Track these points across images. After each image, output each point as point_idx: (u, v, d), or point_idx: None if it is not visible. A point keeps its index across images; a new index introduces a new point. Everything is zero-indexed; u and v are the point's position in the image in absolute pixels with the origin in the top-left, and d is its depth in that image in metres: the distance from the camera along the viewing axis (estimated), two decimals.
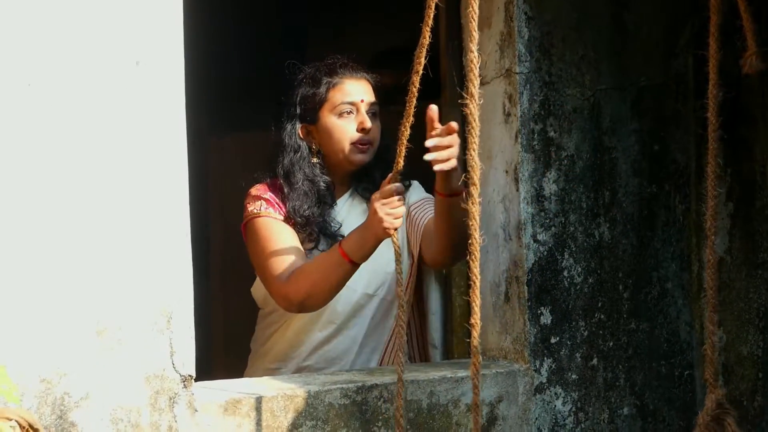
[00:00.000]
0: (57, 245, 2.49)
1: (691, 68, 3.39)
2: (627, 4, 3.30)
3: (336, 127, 3.32)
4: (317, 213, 3.33)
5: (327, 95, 3.35)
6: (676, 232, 3.38)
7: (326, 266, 3.12)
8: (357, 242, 3.05)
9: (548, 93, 3.18)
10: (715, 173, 2.38)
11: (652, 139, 3.34)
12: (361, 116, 3.31)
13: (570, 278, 3.21)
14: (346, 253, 3.06)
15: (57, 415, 2.49)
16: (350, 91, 3.34)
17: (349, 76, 3.36)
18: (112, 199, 2.54)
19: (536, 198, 3.16)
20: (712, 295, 2.37)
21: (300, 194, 3.31)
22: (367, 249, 3.05)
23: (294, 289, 3.16)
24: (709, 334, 2.37)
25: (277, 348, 3.44)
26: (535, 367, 3.16)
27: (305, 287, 3.13)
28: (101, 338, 2.53)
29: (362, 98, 3.33)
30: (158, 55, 2.59)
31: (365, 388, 2.90)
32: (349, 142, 3.32)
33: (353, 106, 3.32)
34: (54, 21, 2.49)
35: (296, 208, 3.30)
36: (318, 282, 3.12)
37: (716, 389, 2.38)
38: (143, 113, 2.58)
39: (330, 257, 3.11)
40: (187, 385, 2.65)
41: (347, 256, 3.06)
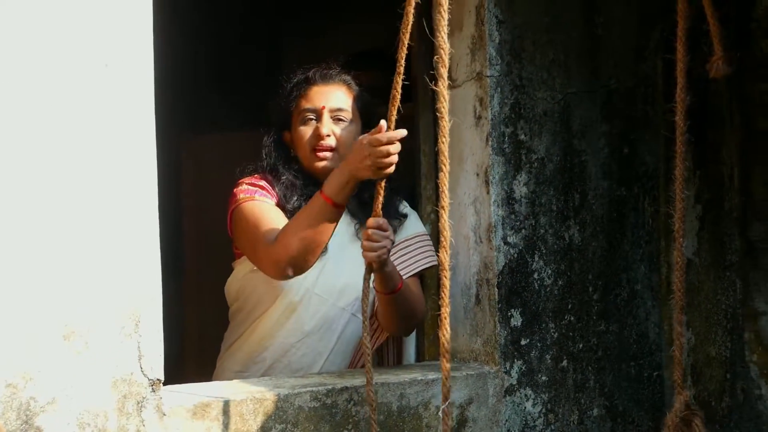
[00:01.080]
0: (23, 248, 2.47)
1: (660, 72, 3.41)
2: (597, 8, 3.31)
3: (299, 134, 3.33)
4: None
5: (296, 102, 3.35)
6: (645, 234, 3.40)
7: (310, 213, 3.06)
8: (337, 183, 2.99)
9: (519, 96, 3.19)
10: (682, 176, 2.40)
11: (621, 142, 3.36)
12: (320, 122, 3.30)
13: (540, 280, 3.22)
14: (327, 195, 3.01)
15: (23, 420, 2.47)
16: (313, 98, 3.33)
17: (319, 82, 3.35)
18: (80, 201, 2.52)
19: (507, 201, 3.17)
20: (680, 297, 2.38)
21: (287, 187, 3.31)
22: (348, 189, 2.99)
23: (282, 247, 3.08)
24: (677, 335, 2.39)
25: (242, 351, 3.41)
26: (505, 369, 3.17)
27: (293, 241, 3.06)
28: (68, 342, 2.52)
29: (323, 104, 3.31)
30: (127, 58, 2.58)
31: (335, 391, 2.90)
32: (309, 148, 3.31)
33: (314, 112, 3.32)
34: (23, 24, 2.47)
35: (286, 196, 3.29)
36: (304, 232, 3.05)
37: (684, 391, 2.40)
38: (112, 115, 2.56)
39: (312, 204, 3.06)
40: (156, 389, 2.63)
41: (329, 199, 3.01)
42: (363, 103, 3.37)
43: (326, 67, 3.39)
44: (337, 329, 3.32)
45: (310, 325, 3.30)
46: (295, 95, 3.36)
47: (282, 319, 3.31)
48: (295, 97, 3.36)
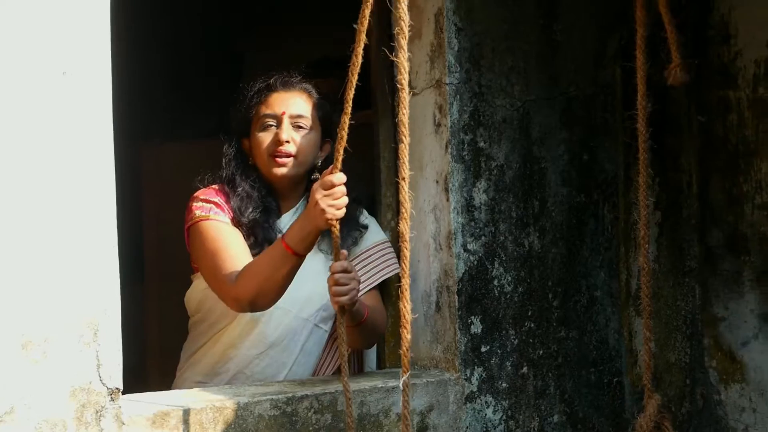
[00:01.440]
0: None
1: (619, 79, 3.43)
2: (556, 16, 3.33)
3: (258, 140, 3.32)
4: (263, 219, 3.31)
5: (256, 109, 3.34)
6: (605, 240, 3.42)
7: (271, 261, 3.07)
8: (299, 233, 3.00)
9: (478, 103, 3.19)
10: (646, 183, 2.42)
11: (581, 149, 3.37)
12: (280, 128, 3.30)
13: (500, 287, 3.23)
14: (288, 245, 3.02)
15: None
16: (273, 104, 3.32)
17: (279, 89, 3.35)
18: (37, 210, 2.50)
19: (466, 208, 3.18)
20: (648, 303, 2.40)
21: (243, 198, 3.30)
22: (310, 240, 3.00)
23: (243, 288, 3.10)
24: (646, 341, 2.41)
25: (204, 361, 3.39)
26: (465, 375, 3.17)
27: (253, 285, 3.08)
28: (26, 351, 2.49)
29: (283, 110, 3.31)
30: (85, 66, 2.56)
31: (295, 399, 2.89)
32: (267, 154, 3.30)
33: (274, 118, 3.31)
34: None
35: (240, 211, 3.28)
36: (265, 278, 3.07)
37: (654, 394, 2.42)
38: (70, 123, 2.54)
39: (274, 251, 3.07)
40: (114, 398, 2.61)
41: (290, 248, 3.02)
42: (323, 112, 3.37)
43: (287, 75, 3.38)
44: (300, 340, 3.32)
45: (273, 336, 3.29)
46: (256, 102, 3.35)
47: (246, 330, 3.30)
48: (255, 103, 3.35)
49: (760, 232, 3.34)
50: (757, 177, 3.34)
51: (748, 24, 3.35)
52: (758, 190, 3.35)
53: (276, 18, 6.11)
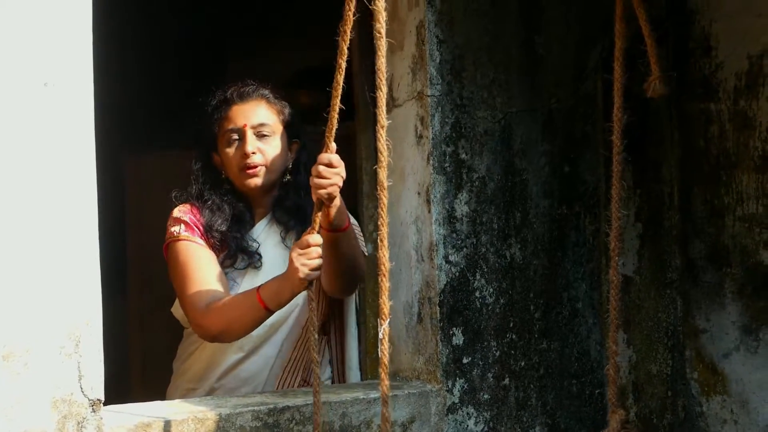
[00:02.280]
0: None
1: (600, 91, 3.44)
2: (537, 28, 3.34)
3: (226, 156, 3.36)
4: (234, 230, 3.34)
5: (218, 124, 3.37)
6: (587, 252, 3.42)
7: (242, 307, 3.15)
8: (274, 291, 3.08)
9: (460, 115, 3.20)
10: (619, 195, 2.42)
11: (562, 161, 3.38)
12: (244, 141, 3.32)
13: (482, 299, 3.23)
14: (262, 299, 3.09)
15: None
16: (233, 118, 3.36)
17: (237, 101, 3.37)
18: (18, 220, 2.50)
19: (448, 219, 3.18)
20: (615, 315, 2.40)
21: (213, 211, 3.34)
22: (284, 299, 3.09)
23: (209, 322, 3.20)
24: (611, 354, 2.40)
25: (194, 368, 3.45)
26: (447, 387, 3.18)
27: (220, 323, 3.18)
28: (7, 362, 2.49)
29: (244, 122, 3.33)
30: (67, 77, 2.56)
31: (277, 410, 2.89)
32: (237, 168, 3.34)
33: (237, 132, 3.34)
34: None
35: (210, 224, 3.32)
36: (233, 320, 3.17)
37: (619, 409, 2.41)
38: (51, 134, 2.54)
39: (247, 299, 3.15)
40: (96, 410, 2.61)
41: (263, 303, 3.09)
42: (284, 115, 3.39)
43: (243, 85, 3.40)
44: (281, 336, 3.40)
45: (257, 339, 3.37)
46: (217, 117, 3.38)
47: None
48: (218, 119, 3.38)
49: (742, 244, 3.35)
50: (738, 189, 3.36)
51: (729, 36, 3.37)
52: (739, 202, 3.36)
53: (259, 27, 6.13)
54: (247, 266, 3.37)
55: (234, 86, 3.40)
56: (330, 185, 2.85)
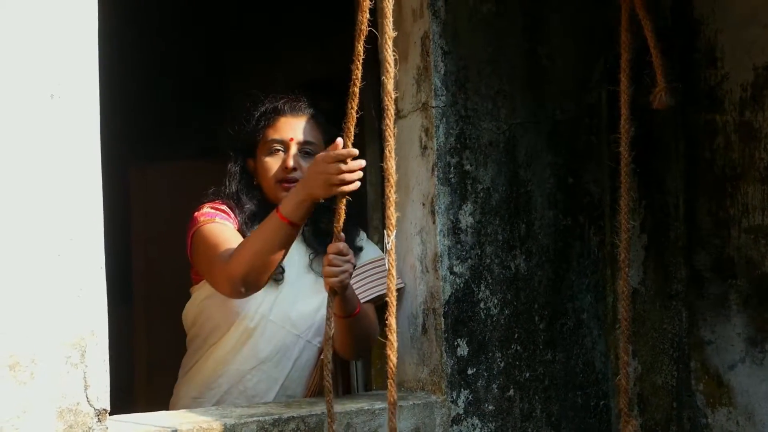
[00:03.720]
0: None
1: (605, 102, 3.44)
2: (541, 39, 3.35)
3: (264, 165, 3.31)
4: None
5: (263, 132, 3.33)
6: (591, 263, 3.42)
7: (265, 232, 3.04)
8: (294, 201, 2.98)
9: (464, 127, 3.21)
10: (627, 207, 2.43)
11: (567, 172, 3.38)
12: (287, 154, 3.29)
13: (486, 310, 3.23)
14: (282, 213, 2.99)
15: None
16: (281, 129, 3.31)
17: (288, 114, 3.33)
18: (25, 231, 2.51)
19: (452, 230, 3.19)
20: (626, 326, 2.40)
21: (246, 216, 3.29)
22: (304, 207, 2.97)
23: (235, 264, 3.06)
24: (623, 364, 2.41)
25: (198, 377, 3.40)
26: (452, 398, 3.18)
27: (246, 258, 3.04)
28: (13, 372, 2.49)
29: (291, 136, 3.31)
30: (73, 88, 2.57)
31: (282, 421, 2.89)
32: (274, 180, 3.29)
33: (283, 144, 3.30)
34: None
35: (247, 224, 3.27)
36: (258, 250, 3.03)
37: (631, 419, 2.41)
38: (57, 145, 2.55)
39: (268, 223, 3.04)
40: (102, 419, 2.61)
41: (285, 218, 2.99)
42: (329, 137, 3.34)
43: (295, 99, 3.36)
44: (292, 356, 3.31)
45: (265, 352, 3.29)
46: (263, 125, 3.33)
47: (238, 345, 3.30)
48: (263, 126, 3.33)
49: (747, 256, 3.35)
50: (743, 200, 3.36)
51: (735, 47, 3.38)
52: (745, 213, 3.36)
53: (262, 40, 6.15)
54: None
55: (285, 98, 3.36)
56: (341, 272, 2.86)
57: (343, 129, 2.57)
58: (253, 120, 3.37)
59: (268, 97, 3.39)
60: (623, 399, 2.44)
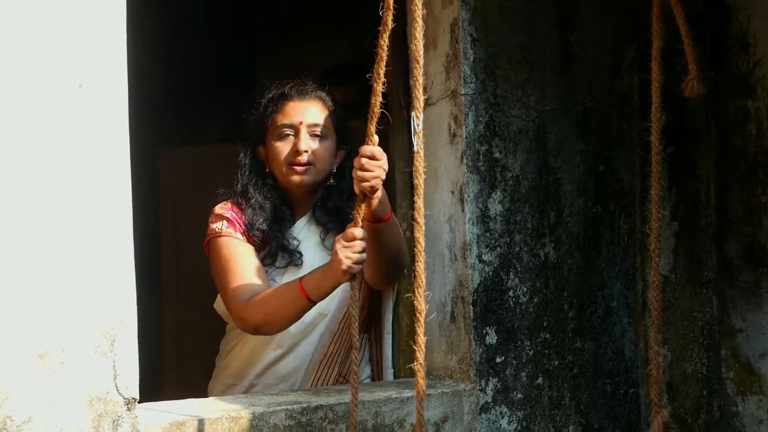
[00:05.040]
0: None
1: (636, 88, 3.41)
2: (572, 26, 3.32)
3: (275, 150, 3.35)
4: (275, 228, 3.35)
5: (272, 118, 3.37)
6: (621, 251, 3.41)
7: (285, 298, 3.16)
8: (317, 281, 3.09)
9: (493, 114, 3.19)
10: (658, 196, 2.41)
11: (597, 160, 3.36)
12: (298, 138, 3.32)
13: (515, 298, 3.23)
14: (304, 289, 3.09)
15: None
16: (290, 113, 3.35)
17: (295, 98, 3.37)
18: (55, 221, 2.52)
19: (481, 218, 3.18)
20: (657, 316, 2.39)
21: (255, 209, 3.35)
22: (326, 289, 3.09)
23: (251, 313, 3.20)
24: (654, 355, 2.39)
25: (235, 364, 3.48)
26: (480, 386, 3.17)
27: (262, 314, 3.18)
28: (44, 361, 2.51)
29: (300, 119, 3.33)
30: (101, 78, 2.57)
31: (310, 409, 2.90)
32: (285, 163, 3.33)
33: (292, 128, 3.33)
34: None
35: (252, 222, 3.34)
36: (275, 311, 3.17)
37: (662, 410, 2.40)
38: (86, 135, 2.56)
39: (290, 290, 3.15)
40: (131, 408, 2.63)
41: (306, 293, 3.09)
42: (337, 119, 3.40)
43: (302, 83, 3.41)
44: (318, 332, 3.40)
45: (296, 336, 3.38)
46: (271, 110, 3.38)
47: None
48: (271, 112, 3.38)
49: None
50: None
51: (767, 33, 3.34)
52: None
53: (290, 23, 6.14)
54: (287, 264, 3.38)
55: (292, 83, 3.41)
56: (373, 177, 2.84)
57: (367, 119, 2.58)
58: (261, 107, 3.40)
59: (275, 84, 3.41)
60: (654, 389, 2.42)
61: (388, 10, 2.38)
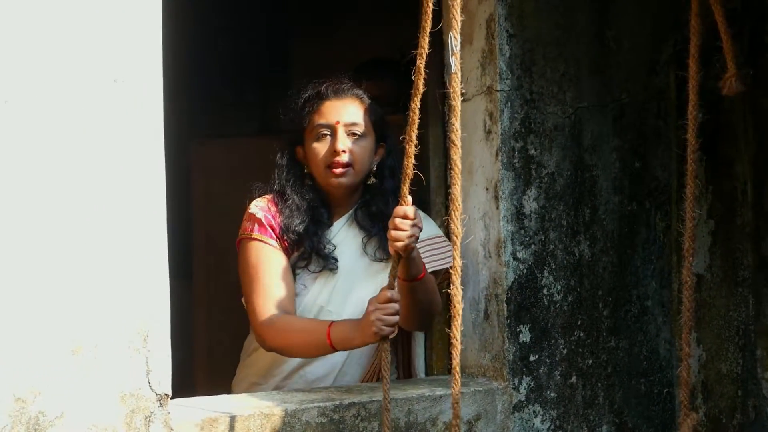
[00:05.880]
0: (32, 263, 2.47)
1: (673, 85, 3.38)
2: (609, 21, 3.30)
3: (313, 151, 3.30)
4: (311, 231, 3.30)
5: (308, 118, 3.32)
6: (657, 249, 3.38)
7: (309, 337, 3.15)
8: (345, 335, 3.07)
9: (529, 110, 3.17)
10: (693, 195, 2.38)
11: (633, 157, 3.34)
12: (335, 138, 3.28)
13: (549, 296, 3.21)
14: (332, 339, 3.08)
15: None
16: (327, 113, 3.30)
17: (332, 97, 3.31)
18: (89, 217, 2.52)
19: (516, 216, 3.16)
20: (689, 317, 2.36)
21: (292, 210, 3.29)
22: (353, 346, 3.10)
23: (271, 337, 3.20)
24: (684, 356, 2.36)
25: (261, 362, 3.41)
26: (513, 385, 3.16)
27: (282, 342, 3.19)
28: (77, 357, 2.51)
29: (337, 119, 3.29)
30: (136, 73, 2.57)
31: (343, 407, 2.89)
32: (323, 165, 3.28)
33: (329, 128, 3.29)
34: (32, 41, 2.47)
35: (288, 224, 3.28)
36: (295, 344, 3.18)
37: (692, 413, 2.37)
38: (121, 130, 2.56)
39: (316, 331, 3.13)
40: (163, 404, 2.63)
41: (331, 342, 3.09)
42: (375, 116, 3.34)
43: (338, 81, 3.35)
44: None
45: None
46: (308, 111, 3.32)
47: None
48: (308, 112, 3.32)
49: None
50: None
51: None
52: None
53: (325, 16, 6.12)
54: (321, 269, 3.31)
55: (328, 82, 3.35)
56: (407, 237, 2.85)
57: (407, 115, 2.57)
58: (297, 107, 3.36)
59: (311, 83, 3.37)
60: (684, 392, 2.40)
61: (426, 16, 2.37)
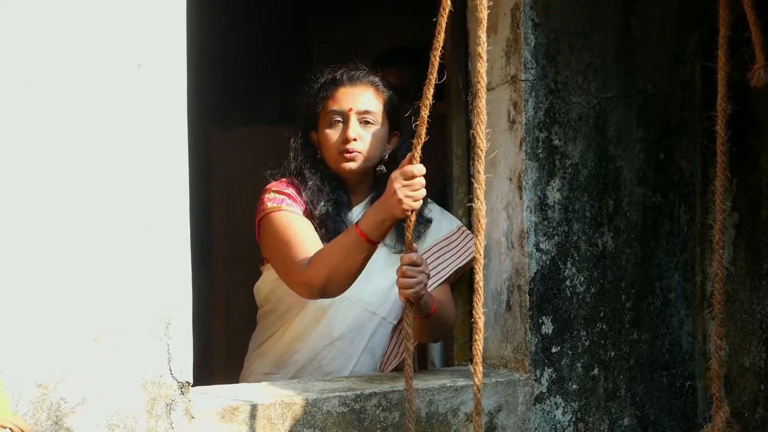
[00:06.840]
0: (54, 251, 2.47)
1: (699, 77, 3.36)
2: (635, 11, 3.27)
3: (325, 137, 3.30)
4: (334, 213, 3.29)
5: (323, 104, 3.31)
6: (681, 242, 3.36)
7: (345, 247, 3.05)
8: (374, 221, 2.97)
9: (553, 101, 3.15)
10: (723, 187, 2.36)
11: (657, 148, 3.32)
12: (347, 125, 3.27)
13: (572, 287, 3.19)
14: (363, 232, 2.99)
15: (53, 420, 2.47)
16: (339, 100, 3.29)
17: (346, 84, 3.30)
18: (112, 204, 2.52)
19: (540, 206, 3.14)
20: (720, 309, 2.34)
21: (314, 192, 3.28)
22: (385, 228, 2.98)
23: (314, 274, 3.08)
24: (716, 348, 2.34)
25: (272, 353, 3.39)
26: (535, 376, 3.14)
27: (325, 271, 3.06)
28: (98, 344, 2.51)
29: (350, 106, 3.28)
30: (160, 59, 2.57)
31: (363, 397, 2.88)
32: (335, 151, 3.27)
33: (342, 115, 3.28)
34: (55, 26, 2.46)
35: (312, 202, 3.27)
36: (338, 264, 3.05)
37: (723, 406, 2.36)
38: (144, 116, 2.56)
39: (348, 238, 3.05)
40: (185, 392, 2.62)
41: (365, 235, 2.99)
42: (390, 105, 3.33)
43: (354, 68, 3.34)
44: (367, 333, 3.30)
45: (340, 329, 3.28)
46: (322, 96, 3.32)
47: (313, 322, 3.29)
48: (322, 98, 3.32)
49: None
50: None
51: None
52: None
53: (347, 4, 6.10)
54: None
55: (344, 68, 3.34)
56: (417, 284, 2.87)
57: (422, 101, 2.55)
58: (312, 92, 3.35)
59: (327, 68, 3.36)
60: (716, 384, 2.38)
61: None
